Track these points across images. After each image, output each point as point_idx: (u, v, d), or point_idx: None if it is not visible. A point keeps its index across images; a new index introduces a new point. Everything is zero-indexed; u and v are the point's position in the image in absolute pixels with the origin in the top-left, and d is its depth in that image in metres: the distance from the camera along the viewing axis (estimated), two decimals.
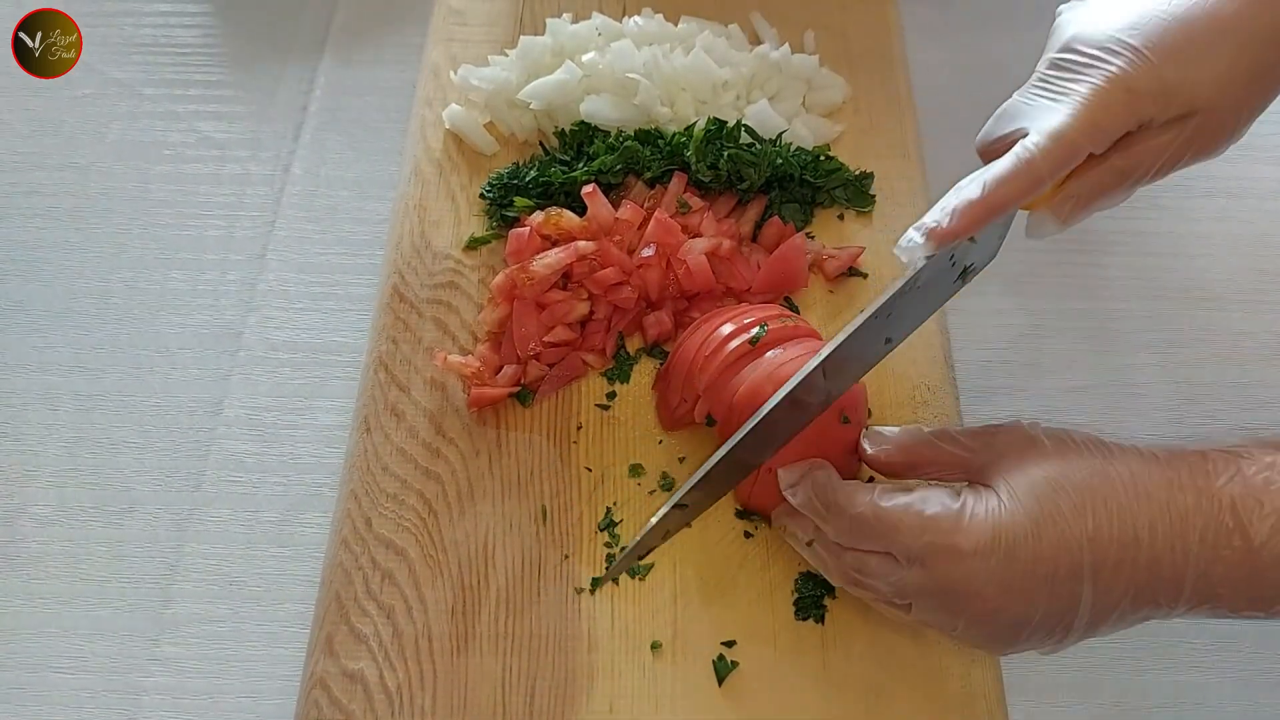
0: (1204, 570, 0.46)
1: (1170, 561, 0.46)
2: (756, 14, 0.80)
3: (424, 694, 0.54)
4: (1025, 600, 0.47)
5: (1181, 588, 0.47)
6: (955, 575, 0.48)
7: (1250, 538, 0.46)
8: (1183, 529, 0.46)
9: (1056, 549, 0.47)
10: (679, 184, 0.68)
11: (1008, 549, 0.47)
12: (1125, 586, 0.47)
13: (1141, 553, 0.46)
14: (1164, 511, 0.47)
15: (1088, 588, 0.47)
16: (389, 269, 0.69)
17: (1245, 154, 0.80)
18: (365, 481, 0.60)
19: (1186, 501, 0.47)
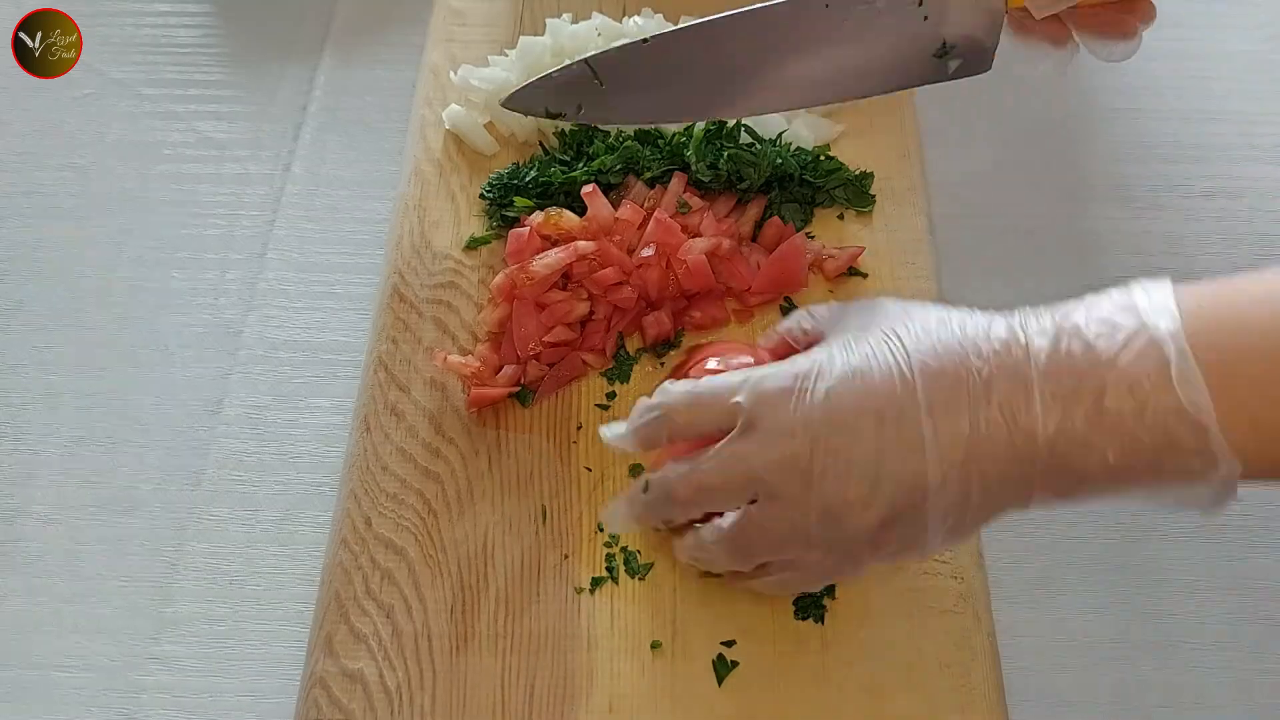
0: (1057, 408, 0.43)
1: (1015, 399, 0.44)
2: None
3: (423, 693, 0.54)
4: (858, 438, 0.45)
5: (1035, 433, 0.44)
6: (779, 417, 0.46)
7: (1096, 360, 0.43)
8: (1024, 361, 0.44)
9: (883, 381, 0.45)
10: (679, 184, 0.68)
11: (830, 382, 0.46)
12: (973, 433, 0.44)
13: (980, 389, 0.44)
14: (1005, 348, 0.45)
15: (926, 426, 0.45)
16: (389, 269, 0.69)
17: (1246, 153, 0.80)
18: (365, 481, 0.60)
19: (1030, 335, 0.45)
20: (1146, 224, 0.77)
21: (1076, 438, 0.44)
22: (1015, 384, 0.44)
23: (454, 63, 0.77)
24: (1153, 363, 0.42)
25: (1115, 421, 0.43)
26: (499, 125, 0.75)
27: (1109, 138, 0.81)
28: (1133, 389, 0.43)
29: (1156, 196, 0.78)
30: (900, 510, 0.46)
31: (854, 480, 0.46)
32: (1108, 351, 0.43)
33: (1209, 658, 0.61)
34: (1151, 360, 0.43)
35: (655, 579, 0.57)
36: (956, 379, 0.45)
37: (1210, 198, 0.78)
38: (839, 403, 0.46)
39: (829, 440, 0.46)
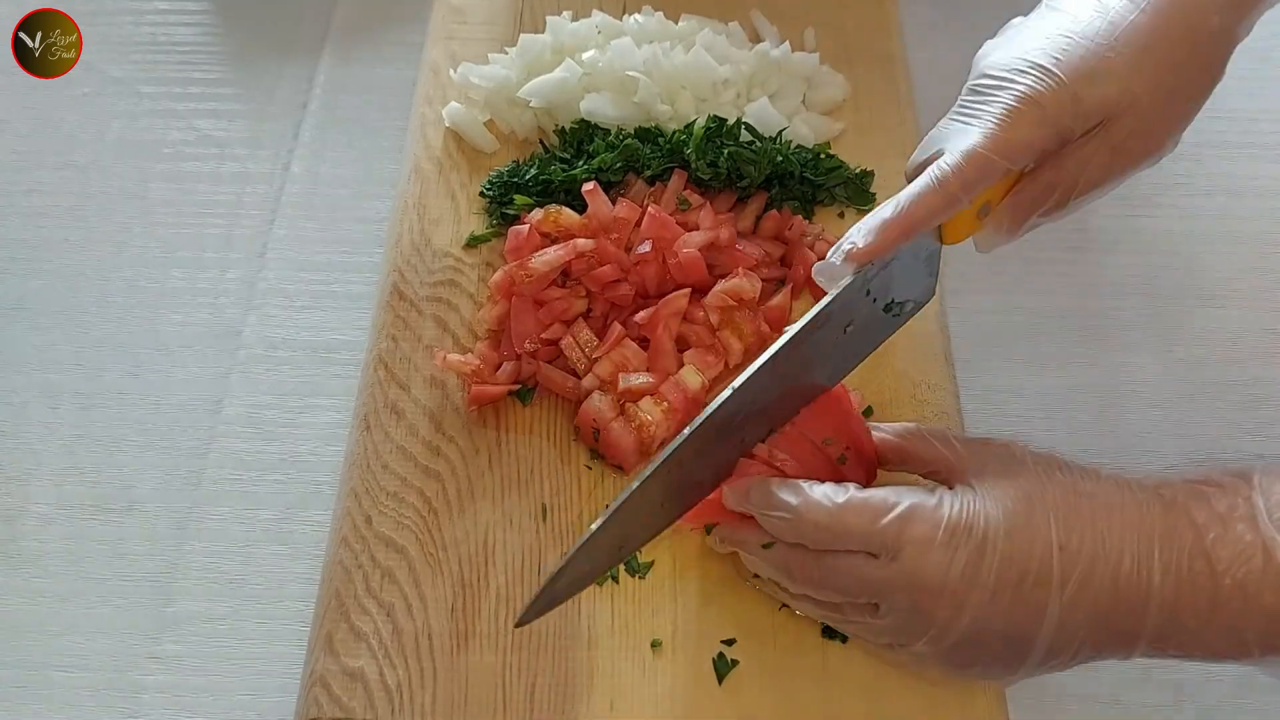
0: (1171, 597, 0.46)
1: (1135, 583, 0.47)
2: (756, 12, 0.80)
3: (424, 692, 0.54)
4: (991, 601, 0.47)
5: (1146, 615, 0.47)
6: (926, 565, 0.47)
7: (1213, 563, 0.46)
8: (1149, 550, 0.47)
9: (1028, 551, 0.47)
10: (679, 181, 0.68)
11: (979, 542, 0.47)
12: (1090, 606, 0.47)
13: (1108, 569, 0.47)
14: (1133, 531, 0.47)
15: (1054, 598, 0.47)
16: (389, 267, 0.69)
17: (1246, 152, 0.80)
18: (365, 479, 0.60)
19: (1154, 523, 0.47)
20: (1146, 222, 0.77)
21: (1185, 627, 0.47)
22: (1140, 570, 0.47)
23: (454, 60, 0.77)
24: (1269, 575, 0.45)
25: (1225, 622, 0.46)
26: (499, 123, 0.75)
27: None
28: (1245, 596, 0.45)
29: (1156, 194, 0.78)
30: (999, 659, 0.49)
31: (969, 632, 0.48)
32: (1223, 555, 0.46)
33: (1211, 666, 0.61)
34: (1268, 572, 0.45)
35: (656, 578, 0.57)
36: (1092, 557, 0.47)
37: (1210, 195, 0.78)
38: (982, 564, 0.47)
39: (964, 596, 0.47)
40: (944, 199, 0.50)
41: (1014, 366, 0.70)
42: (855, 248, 0.51)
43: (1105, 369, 0.70)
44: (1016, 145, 0.50)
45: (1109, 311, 0.73)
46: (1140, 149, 0.53)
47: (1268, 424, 0.68)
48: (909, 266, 0.53)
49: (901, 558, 0.48)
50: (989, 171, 0.50)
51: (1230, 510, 0.47)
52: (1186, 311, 0.73)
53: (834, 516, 0.49)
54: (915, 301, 0.57)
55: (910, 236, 0.51)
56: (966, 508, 0.48)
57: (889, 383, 0.64)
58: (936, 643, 0.49)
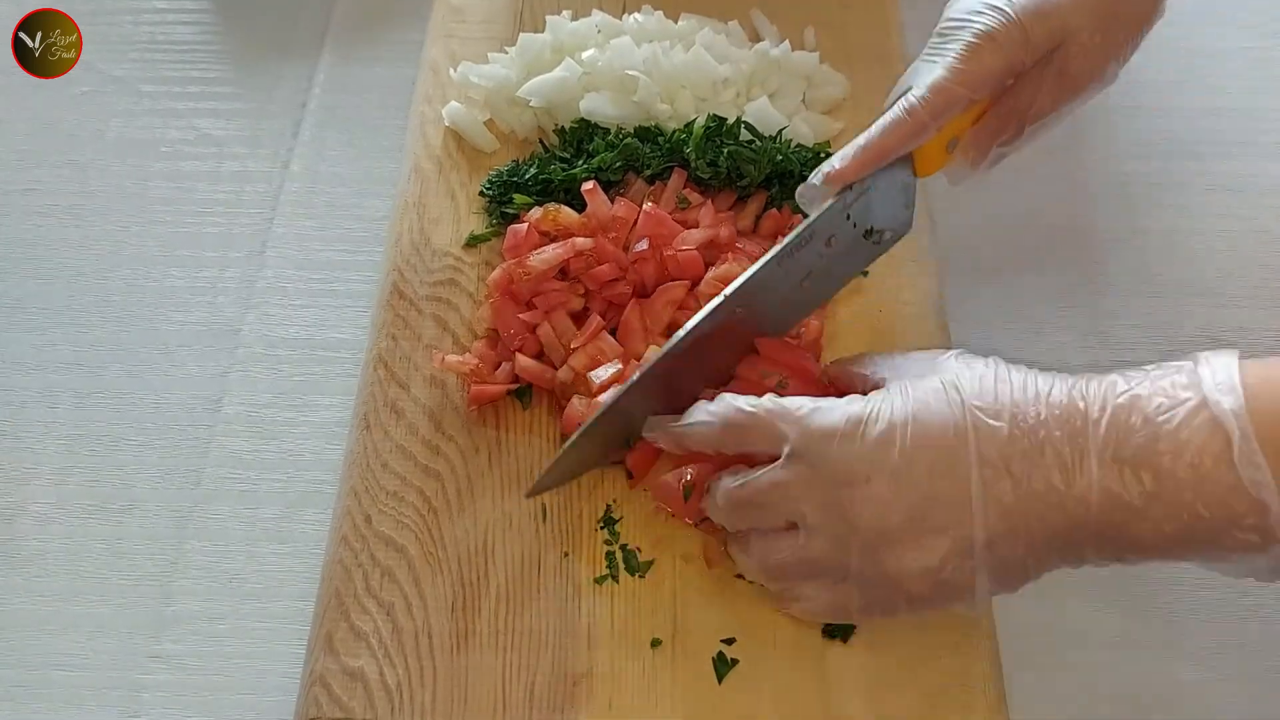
0: (1111, 475, 0.44)
1: (1070, 463, 0.45)
2: (756, 11, 0.80)
3: (424, 691, 0.54)
4: (908, 487, 0.46)
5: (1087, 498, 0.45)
6: (827, 456, 0.48)
7: (1156, 433, 0.44)
8: (1083, 427, 0.45)
9: (938, 433, 0.46)
10: (678, 180, 0.68)
11: (884, 429, 0.47)
12: (1021, 492, 0.45)
13: (1034, 449, 0.45)
14: (1064, 412, 0.46)
15: (975, 481, 0.46)
16: (388, 266, 0.68)
17: (1246, 150, 0.80)
18: (365, 479, 0.60)
19: (1090, 402, 0.46)
20: (1147, 221, 0.77)
21: (1132, 507, 0.45)
22: (1072, 448, 0.45)
23: (453, 60, 0.77)
24: (1215, 440, 0.43)
25: (1173, 494, 0.44)
26: (499, 122, 0.75)
27: (1109, 134, 0.81)
28: (1193, 464, 0.43)
29: (1157, 193, 0.78)
30: (945, 562, 0.47)
31: (896, 526, 0.47)
32: (1168, 425, 0.44)
33: (1209, 657, 0.61)
34: (1213, 437, 0.43)
35: (655, 577, 0.57)
36: (1011, 437, 0.46)
37: (1211, 194, 0.78)
38: (890, 448, 0.47)
39: (874, 485, 0.47)
40: (913, 127, 0.56)
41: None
42: (833, 169, 0.56)
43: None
44: (975, 75, 0.56)
45: (1109, 310, 0.73)
46: (1084, 76, 0.58)
47: None
48: (886, 195, 0.58)
49: (806, 454, 0.48)
50: (952, 100, 0.56)
51: (1173, 383, 0.45)
52: (1187, 309, 0.73)
53: (741, 415, 0.51)
54: (893, 231, 0.60)
55: (884, 161, 0.56)
56: (872, 401, 0.49)
57: None
58: (867, 550, 0.48)
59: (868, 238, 0.59)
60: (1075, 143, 0.81)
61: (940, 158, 0.59)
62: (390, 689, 0.54)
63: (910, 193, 0.59)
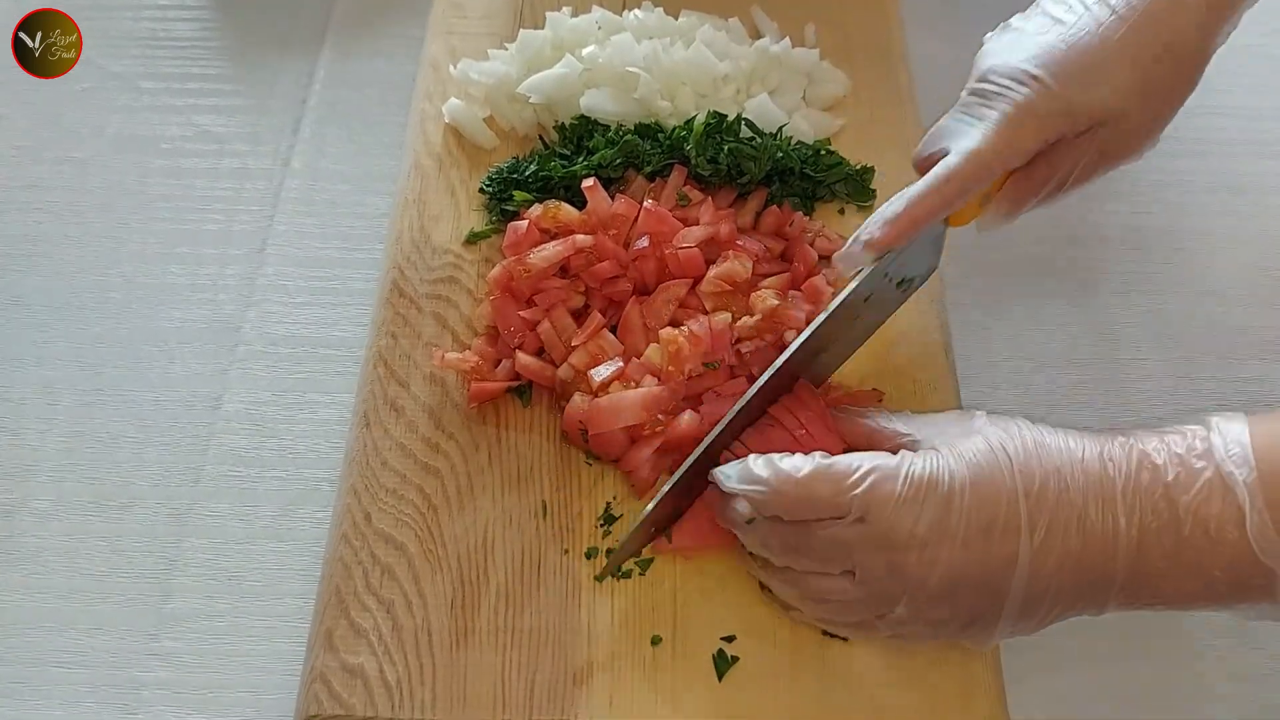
0: (1136, 541, 0.48)
1: (1101, 526, 0.48)
2: (757, 8, 0.80)
3: (424, 688, 0.54)
4: (961, 551, 0.48)
5: (1115, 561, 0.48)
6: (894, 522, 0.49)
7: (1175, 502, 0.47)
8: (1112, 493, 0.48)
9: (994, 499, 0.48)
10: (679, 177, 0.68)
11: (944, 495, 0.49)
12: (1061, 552, 0.48)
13: (1074, 514, 0.48)
14: (1095, 476, 0.49)
15: (1024, 544, 0.48)
16: (388, 263, 0.68)
17: (1247, 149, 0.80)
18: (365, 476, 0.60)
19: (1116, 467, 0.49)
20: (1148, 219, 0.77)
21: (1155, 568, 0.48)
22: (1103, 513, 0.48)
23: (454, 56, 0.77)
24: (1229, 509, 0.47)
25: (1192, 559, 0.47)
26: (499, 119, 0.74)
27: None
28: (1209, 533, 0.47)
29: (1158, 192, 0.78)
30: (981, 614, 0.50)
31: (946, 583, 0.49)
32: (1185, 496, 0.47)
33: (1209, 657, 0.61)
34: (1227, 507, 0.47)
35: (656, 574, 0.57)
36: (1056, 503, 0.49)
37: (1212, 193, 0.78)
38: (949, 514, 0.49)
39: (932, 549, 0.49)
40: (948, 196, 0.56)
41: (1015, 363, 0.70)
42: (873, 238, 0.57)
43: (1105, 367, 0.70)
44: (1013, 149, 0.56)
45: (1109, 309, 0.72)
46: (1123, 150, 0.59)
47: None
48: (919, 247, 0.59)
49: (870, 517, 0.49)
50: (989, 172, 0.56)
51: (1189, 451, 0.49)
52: (1187, 308, 0.73)
53: (802, 485, 0.51)
54: (921, 276, 0.63)
55: (917, 229, 0.56)
56: (929, 464, 0.50)
57: (890, 381, 0.64)
58: (914, 601, 0.50)
59: (899, 287, 0.61)
60: None
61: (973, 212, 0.60)
62: (390, 686, 0.54)
63: (940, 241, 0.61)
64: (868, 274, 0.57)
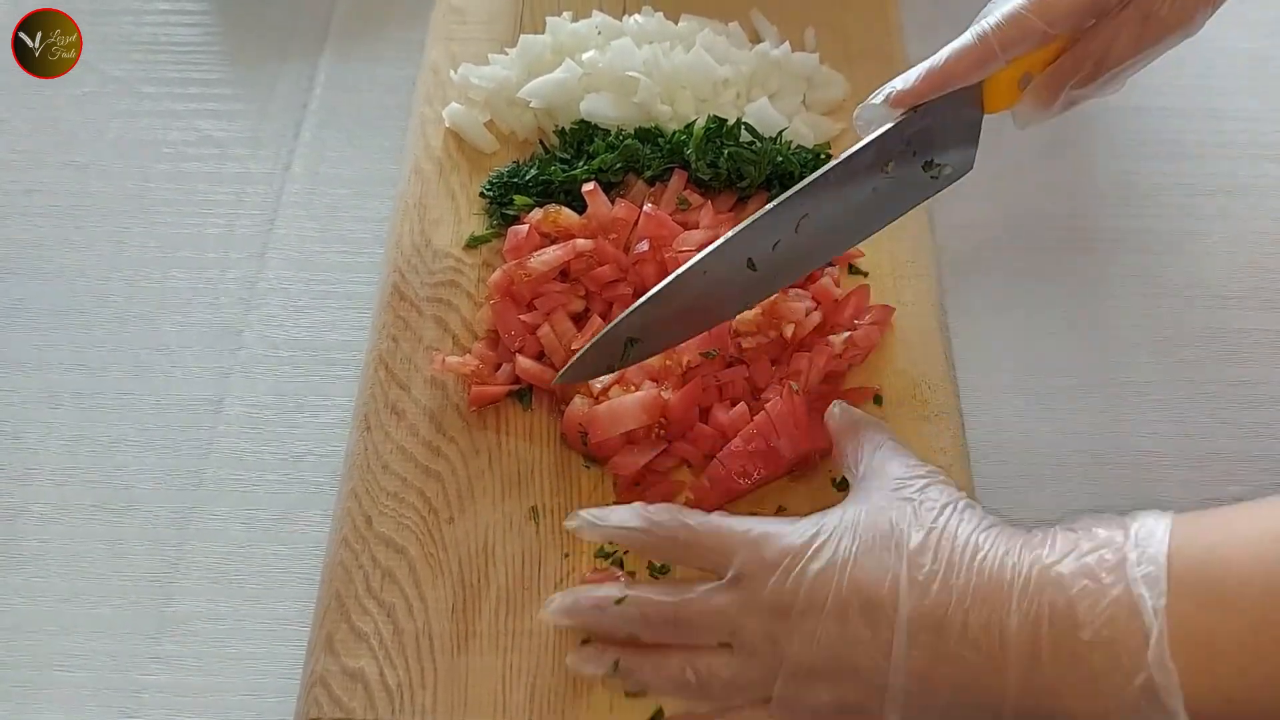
0: (1028, 652, 0.44)
1: (988, 637, 0.44)
2: (756, 12, 0.80)
3: (425, 692, 0.54)
4: (840, 625, 0.46)
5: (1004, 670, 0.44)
6: (773, 585, 0.47)
7: (1075, 619, 0.43)
8: (1005, 602, 0.44)
9: (876, 579, 0.46)
10: (679, 182, 0.69)
11: (826, 566, 0.47)
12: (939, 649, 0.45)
13: (959, 614, 0.45)
14: (989, 582, 0.45)
15: (900, 634, 0.45)
16: (389, 267, 0.69)
17: (1247, 151, 0.80)
18: (365, 480, 0.60)
19: (1016, 574, 0.45)
20: (1148, 222, 0.77)
21: (1046, 686, 0.44)
22: (993, 621, 0.44)
23: (454, 61, 0.77)
24: (1132, 635, 0.42)
25: (1087, 682, 0.43)
26: (499, 123, 0.75)
27: (1110, 135, 0.81)
28: (1109, 656, 0.42)
29: (1158, 194, 0.78)
30: (860, 702, 0.47)
31: (820, 661, 0.47)
32: (1089, 612, 0.43)
33: None
34: (1131, 632, 0.42)
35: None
36: (936, 602, 0.45)
37: (1212, 195, 0.78)
38: (827, 588, 0.47)
39: (807, 620, 0.47)
40: (983, 53, 0.54)
41: (1014, 365, 0.70)
42: (896, 90, 0.55)
43: (1105, 369, 0.70)
44: (1055, 8, 0.53)
45: (1109, 310, 0.73)
46: (1172, 21, 0.55)
47: (1268, 424, 0.68)
48: (950, 127, 0.56)
49: (746, 582, 0.49)
50: (1028, 32, 0.53)
51: (1099, 563, 0.44)
52: (1187, 310, 0.73)
53: (691, 535, 0.50)
54: (954, 168, 0.59)
55: (949, 86, 0.54)
56: (819, 529, 0.48)
57: (889, 382, 0.64)
58: (792, 679, 0.48)
59: (926, 170, 0.57)
60: (1076, 143, 0.81)
61: (1011, 94, 0.57)
62: (391, 690, 0.54)
63: (975, 130, 0.57)
64: (887, 130, 0.55)
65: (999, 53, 0.54)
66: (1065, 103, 0.58)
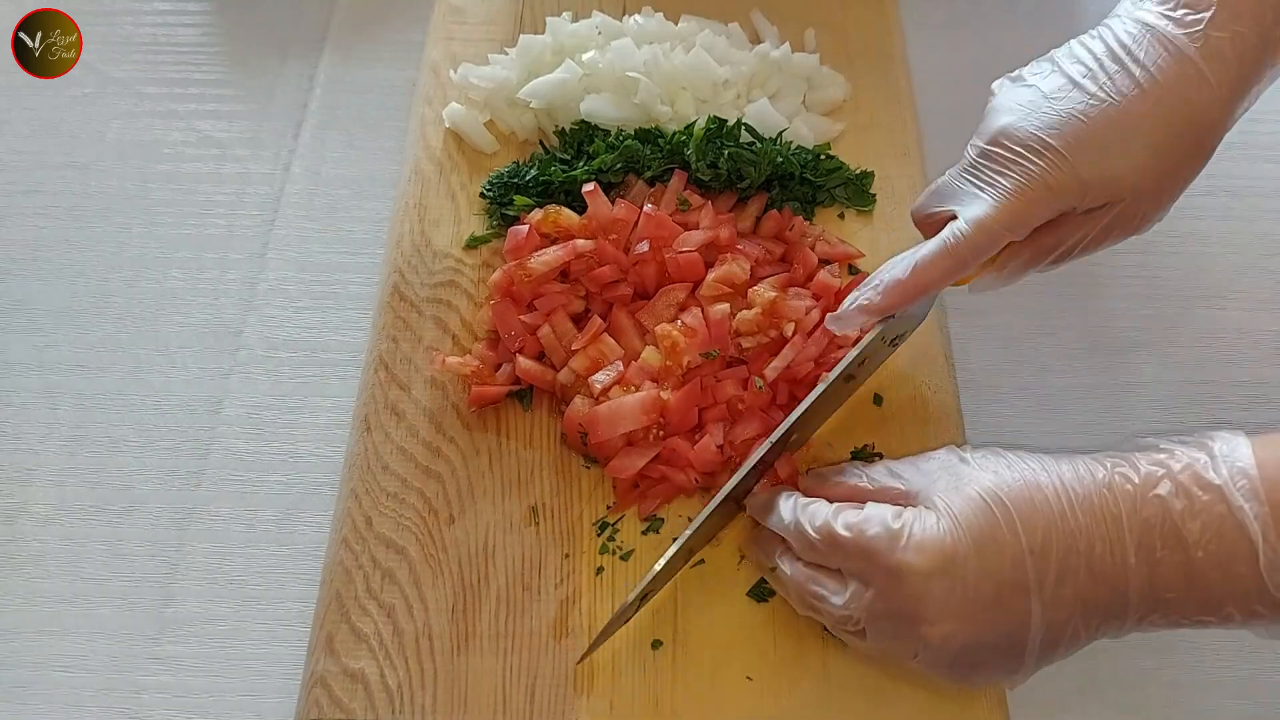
0: (1147, 576, 0.47)
1: (1112, 569, 0.47)
2: (757, 12, 0.80)
3: (424, 693, 0.54)
4: (974, 622, 0.48)
5: (1127, 596, 0.47)
6: (900, 598, 0.49)
7: (1184, 539, 0.46)
8: (1119, 535, 0.47)
9: (999, 566, 0.47)
10: (679, 182, 0.68)
11: (950, 570, 0.48)
12: (1073, 598, 0.47)
13: (1082, 561, 0.47)
14: (1099, 520, 0.47)
15: (1035, 602, 0.47)
16: (389, 268, 0.69)
17: (1246, 152, 0.80)
18: (365, 480, 0.60)
19: (1120, 508, 0.47)
20: None
21: (1166, 600, 0.47)
22: (1113, 553, 0.47)
23: (454, 61, 0.77)
24: (1240, 547, 0.46)
25: (1204, 593, 0.47)
26: (499, 124, 0.75)
27: None
28: (1220, 569, 0.46)
29: None
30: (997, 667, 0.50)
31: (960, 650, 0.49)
32: (1193, 531, 0.46)
33: (1209, 656, 0.61)
34: (1239, 545, 0.46)
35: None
36: (1065, 551, 0.47)
37: (1211, 196, 0.78)
38: (959, 590, 0.48)
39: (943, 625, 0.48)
40: (955, 265, 0.55)
41: (1015, 367, 0.70)
42: (872, 303, 0.57)
43: (1105, 370, 0.70)
44: (1024, 222, 0.54)
45: (1109, 311, 0.73)
46: (1130, 225, 0.57)
47: (1268, 424, 0.67)
48: (919, 304, 0.59)
49: (874, 588, 0.50)
50: (996, 242, 0.55)
51: (1194, 481, 0.47)
52: (1187, 311, 0.73)
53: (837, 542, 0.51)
54: (912, 330, 0.63)
55: (921, 296, 0.56)
56: (930, 533, 0.49)
57: (891, 386, 0.64)
58: (929, 663, 0.50)
59: (890, 344, 0.61)
60: None
61: (977, 270, 0.58)
62: (391, 690, 0.54)
63: (935, 296, 0.60)
64: (872, 339, 0.58)
65: (970, 262, 0.55)
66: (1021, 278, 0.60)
